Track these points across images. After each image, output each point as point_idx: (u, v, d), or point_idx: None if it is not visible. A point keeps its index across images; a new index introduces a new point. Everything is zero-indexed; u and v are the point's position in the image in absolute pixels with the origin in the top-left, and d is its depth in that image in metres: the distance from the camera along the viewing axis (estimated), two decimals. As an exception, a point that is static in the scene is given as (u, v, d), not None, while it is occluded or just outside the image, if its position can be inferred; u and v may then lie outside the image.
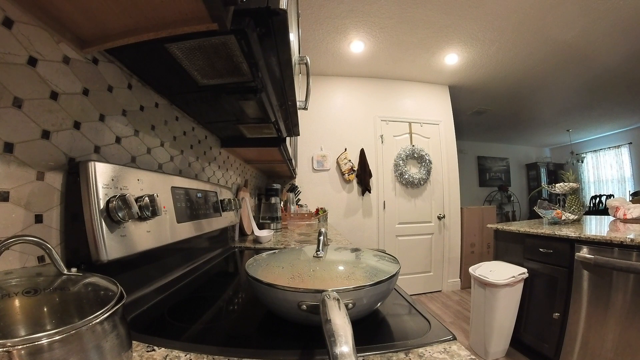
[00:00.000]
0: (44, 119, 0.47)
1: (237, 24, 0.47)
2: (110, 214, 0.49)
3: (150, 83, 0.75)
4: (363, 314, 0.49)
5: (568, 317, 1.60)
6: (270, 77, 0.73)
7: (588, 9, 2.19)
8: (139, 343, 0.41)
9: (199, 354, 0.39)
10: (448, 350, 0.40)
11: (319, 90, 3.34)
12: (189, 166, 1.02)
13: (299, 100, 1.08)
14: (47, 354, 0.23)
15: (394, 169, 3.39)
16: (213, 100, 0.85)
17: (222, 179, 1.39)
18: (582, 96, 3.95)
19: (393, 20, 2.42)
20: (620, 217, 1.98)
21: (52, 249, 0.33)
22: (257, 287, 0.48)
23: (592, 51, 2.79)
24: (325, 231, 0.69)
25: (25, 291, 0.29)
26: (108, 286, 0.34)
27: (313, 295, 0.42)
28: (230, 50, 0.57)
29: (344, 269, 0.63)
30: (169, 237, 0.67)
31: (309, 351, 0.40)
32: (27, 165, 0.44)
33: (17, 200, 0.42)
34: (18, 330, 0.25)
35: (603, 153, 6.18)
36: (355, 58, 3.06)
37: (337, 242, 1.45)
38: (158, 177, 0.67)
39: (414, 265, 3.28)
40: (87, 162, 0.48)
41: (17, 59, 0.42)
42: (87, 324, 0.26)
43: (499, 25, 2.43)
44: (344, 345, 0.27)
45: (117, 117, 0.65)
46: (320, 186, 3.32)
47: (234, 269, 1.04)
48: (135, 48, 0.53)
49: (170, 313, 0.57)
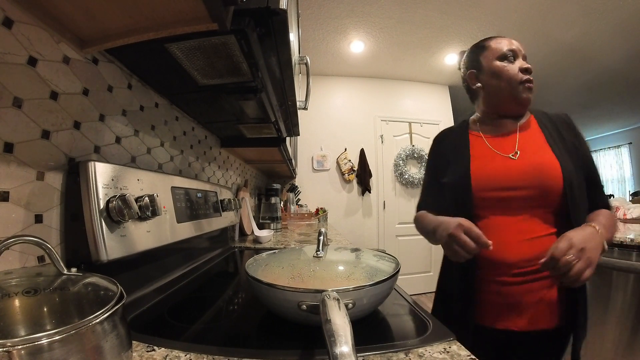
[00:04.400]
0: (44, 119, 0.47)
1: (237, 24, 0.47)
2: (110, 214, 0.49)
3: (150, 83, 0.75)
4: (363, 314, 0.49)
5: (568, 317, 1.60)
6: (270, 77, 0.73)
7: (588, 9, 2.19)
8: (139, 343, 0.41)
9: (199, 354, 0.39)
10: (448, 350, 0.40)
11: (319, 90, 3.34)
12: (189, 166, 1.02)
13: (299, 100, 1.08)
14: (47, 354, 0.23)
15: (394, 169, 3.40)
16: (213, 100, 0.85)
17: (222, 179, 1.39)
18: (582, 96, 3.95)
19: (393, 20, 2.42)
20: (620, 217, 1.98)
21: (52, 249, 0.33)
22: (257, 287, 0.48)
23: (592, 51, 2.79)
24: (325, 231, 0.69)
25: (25, 291, 0.29)
26: (108, 286, 0.34)
27: (313, 295, 0.42)
28: (230, 50, 0.57)
29: (344, 269, 0.63)
30: (169, 237, 0.67)
31: (309, 351, 0.40)
32: (27, 165, 0.44)
33: (17, 200, 0.42)
34: (18, 330, 0.25)
35: (603, 153, 6.18)
36: (355, 58, 3.06)
37: (337, 242, 1.45)
38: (158, 177, 0.67)
39: (414, 265, 3.28)
40: (87, 162, 0.48)
41: (17, 59, 0.42)
42: (87, 324, 0.26)
43: (499, 25, 2.43)
44: (344, 345, 0.27)
45: (117, 117, 0.65)
46: (320, 186, 3.32)
47: (234, 269, 1.04)
48: (135, 48, 0.53)
49: (170, 313, 0.57)
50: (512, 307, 0.67)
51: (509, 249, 0.67)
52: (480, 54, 0.78)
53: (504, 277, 0.67)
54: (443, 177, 0.79)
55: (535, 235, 0.67)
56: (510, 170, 0.69)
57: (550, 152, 0.69)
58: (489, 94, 0.78)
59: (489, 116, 0.80)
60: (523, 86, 0.73)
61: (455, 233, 0.61)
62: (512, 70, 0.73)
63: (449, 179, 0.77)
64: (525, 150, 0.71)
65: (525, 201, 0.68)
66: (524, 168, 0.69)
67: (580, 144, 0.74)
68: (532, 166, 0.68)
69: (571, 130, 0.75)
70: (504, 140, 0.76)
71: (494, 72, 0.75)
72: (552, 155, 0.69)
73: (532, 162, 0.69)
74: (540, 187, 0.67)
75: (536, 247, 0.65)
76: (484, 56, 0.77)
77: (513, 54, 0.74)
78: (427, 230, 0.77)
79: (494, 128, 0.79)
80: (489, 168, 0.72)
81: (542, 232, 0.67)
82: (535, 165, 0.68)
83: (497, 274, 0.68)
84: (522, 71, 0.73)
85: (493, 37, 0.79)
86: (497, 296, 0.68)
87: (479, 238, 0.59)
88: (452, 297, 0.76)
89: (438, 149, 0.87)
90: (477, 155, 0.75)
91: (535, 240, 0.67)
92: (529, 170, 0.68)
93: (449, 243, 0.62)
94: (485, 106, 0.80)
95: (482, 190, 0.70)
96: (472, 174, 0.72)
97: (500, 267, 0.67)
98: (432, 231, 0.71)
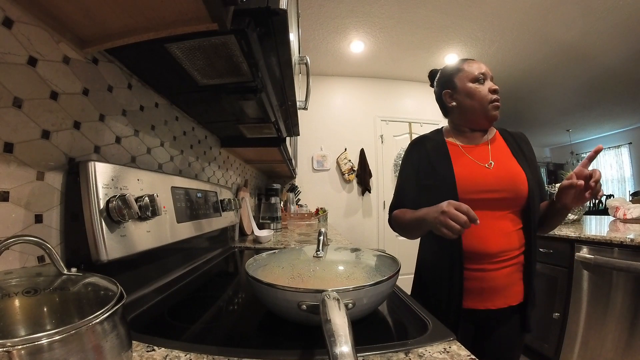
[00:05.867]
0: (44, 119, 0.47)
1: (237, 24, 0.47)
2: (110, 214, 0.49)
3: (150, 83, 0.75)
4: (363, 314, 0.49)
5: (568, 317, 1.60)
6: (270, 77, 0.73)
7: (588, 9, 2.19)
8: (139, 343, 0.41)
9: (199, 354, 0.39)
10: (448, 350, 0.40)
11: (319, 90, 3.34)
12: (189, 166, 1.02)
13: (299, 100, 1.08)
14: (47, 354, 0.23)
15: (394, 169, 3.39)
16: (213, 100, 0.85)
17: (222, 179, 1.39)
18: (582, 96, 3.95)
19: (393, 20, 2.42)
20: (620, 217, 1.98)
21: (52, 249, 0.33)
22: (257, 287, 0.48)
23: (592, 51, 2.79)
24: (325, 231, 0.69)
25: (25, 291, 0.29)
26: (108, 286, 0.34)
27: (313, 295, 0.42)
28: (230, 50, 0.57)
29: (343, 269, 0.63)
30: (169, 237, 0.67)
31: (309, 351, 0.40)
32: (27, 165, 0.44)
33: (17, 200, 0.42)
34: (18, 330, 0.25)
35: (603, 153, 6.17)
36: (355, 58, 3.06)
37: (337, 242, 1.46)
38: (158, 177, 0.67)
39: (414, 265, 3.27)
40: (87, 162, 0.48)
41: (17, 59, 0.42)
42: (87, 324, 0.26)
43: (499, 25, 2.43)
44: (344, 345, 0.27)
45: (117, 117, 0.65)
46: (320, 186, 3.32)
47: (234, 269, 1.04)
48: (135, 48, 0.53)
49: (170, 313, 0.57)
50: (492, 290, 0.80)
51: (491, 241, 0.80)
52: (455, 76, 0.90)
53: (486, 264, 0.80)
54: (427, 179, 0.88)
55: (510, 230, 0.81)
56: (487, 176, 0.83)
57: (516, 163, 0.85)
58: (462, 112, 0.91)
59: (461, 129, 0.93)
60: (492, 105, 0.86)
61: (447, 209, 0.68)
62: (483, 91, 0.86)
63: (436, 181, 0.85)
64: (497, 160, 0.86)
65: (501, 202, 0.81)
66: (499, 175, 0.82)
67: (534, 157, 0.92)
68: (506, 174, 0.82)
69: (528, 146, 0.93)
70: (477, 148, 0.90)
71: (468, 93, 0.88)
72: (518, 166, 0.84)
73: (505, 171, 0.83)
74: (513, 190, 0.81)
75: (511, 240, 0.81)
76: (458, 78, 0.90)
77: (483, 77, 0.87)
78: (412, 221, 0.85)
79: (467, 139, 0.92)
80: (470, 174, 0.84)
81: (514, 228, 0.82)
82: (507, 173, 0.82)
83: (481, 263, 0.80)
84: (491, 92, 0.86)
85: (465, 59, 0.92)
86: (480, 282, 0.80)
87: (469, 211, 0.66)
88: (435, 284, 0.87)
89: (418, 152, 0.95)
90: (458, 162, 0.86)
91: (510, 234, 0.81)
92: (503, 177, 0.82)
93: (443, 220, 0.68)
94: (459, 121, 0.93)
95: (466, 192, 0.81)
96: (456, 178, 0.82)
97: (484, 257, 0.80)
98: (420, 218, 0.79)
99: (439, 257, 0.85)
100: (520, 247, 0.82)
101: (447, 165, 0.85)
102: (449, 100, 0.92)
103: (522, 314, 0.83)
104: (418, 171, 0.91)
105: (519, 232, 0.82)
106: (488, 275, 0.80)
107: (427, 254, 0.95)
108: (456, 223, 0.66)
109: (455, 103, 0.91)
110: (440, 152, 0.90)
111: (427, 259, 0.94)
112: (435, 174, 0.86)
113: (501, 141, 0.92)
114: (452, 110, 0.93)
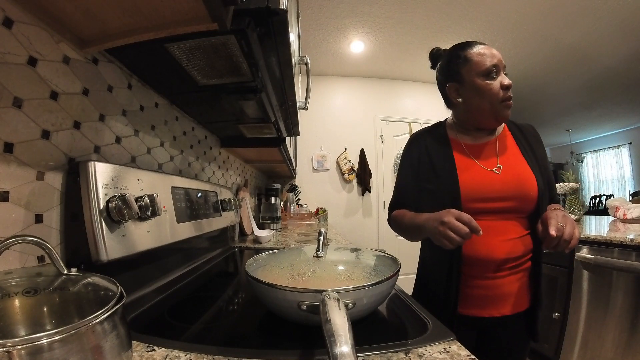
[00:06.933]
0: (44, 119, 0.47)
1: (237, 24, 0.47)
2: (110, 214, 0.49)
3: (150, 83, 0.75)
4: (363, 314, 0.49)
5: (568, 317, 1.60)
6: (270, 77, 0.73)
7: (588, 9, 2.19)
8: (139, 343, 0.41)
9: (199, 354, 0.39)
10: (448, 350, 0.40)
11: (319, 90, 3.34)
12: (189, 166, 1.02)
13: (299, 100, 1.08)
14: (47, 354, 0.23)
15: (394, 168, 3.40)
16: (213, 100, 0.85)
17: (222, 179, 1.39)
18: (582, 96, 3.95)
19: (393, 21, 2.42)
20: (620, 217, 1.98)
21: (52, 249, 0.33)
22: (257, 287, 0.48)
23: (592, 51, 2.79)
24: (325, 231, 0.69)
25: (25, 291, 0.29)
26: (108, 286, 0.34)
27: (313, 295, 0.42)
28: (230, 50, 0.57)
29: (343, 269, 0.63)
30: (169, 237, 0.67)
31: (309, 351, 0.40)
32: (27, 165, 0.44)
33: (17, 200, 0.42)
34: (18, 330, 0.25)
35: (603, 153, 6.18)
36: (355, 58, 3.06)
37: (337, 242, 1.45)
38: (158, 177, 0.67)
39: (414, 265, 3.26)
40: (87, 162, 0.48)
41: (17, 59, 0.42)
42: (87, 324, 0.26)
43: (499, 25, 2.43)
44: (344, 345, 0.27)
45: (117, 117, 0.65)
46: (320, 186, 3.33)
47: (234, 269, 1.04)
48: (135, 48, 0.53)
49: (170, 313, 0.57)
50: (498, 298, 0.75)
51: (496, 248, 0.74)
52: (462, 67, 0.77)
53: (491, 272, 0.75)
54: (428, 182, 0.82)
55: (515, 236, 0.75)
56: (495, 183, 0.76)
57: (526, 166, 0.78)
58: (469, 110, 0.80)
59: (466, 126, 0.84)
60: (504, 104, 0.76)
61: (447, 220, 0.63)
62: (494, 88, 0.74)
63: (438, 187, 0.80)
64: (506, 164, 0.78)
65: (508, 210, 0.76)
66: (506, 182, 0.76)
67: (544, 153, 0.84)
68: (514, 180, 0.76)
69: (539, 142, 0.85)
70: (483, 148, 0.81)
71: (477, 89, 0.76)
72: (528, 168, 0.77)
73: (514, 177, 0.76)
74: (520, 198, 0.75)
75: (518, 246, 0.75)
76: (466, 70, 0.77)
77: (495, 70, 0.74)
78: (411, 226, 0.80)
79: (472, 137, 0.84)
80: (476, 181, 0.77)
81: (520, 234, 0.76)
82: (516, 179, 0.76)
83: (485, 270, 0.75)
84: (503, 88, 0.74)
85: (473, 44, 0.78)
86: (485, 290, 0.76)
87: (471, 222, 0.62)
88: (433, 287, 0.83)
89: (417, 149, 0.87)
90: (463, 167, 0.79)
91: (515, 240, 0.75)
92: (511, 184, 0.75)
93: (442, 231, 0.64)
94: (464, 118, 0.84)
95: (470, 201, 0.75)
96: (460, 186, 0.76)
97: (488, 265, 0.75)
98: (419, 225, 0.75)
99: (439, 260, 0.80)
100: (527, 253, 0.76)
101: (451, 170, 0.78)
102: (455, 94, 0.81)
103: (529, 320, 0.78)
104: (418, 169, 0.85)
105: (526, 237, 0.76)
106: (493, 283, 0.75)
107: (427, 255, 0.91)
108: (457, 235, 0.62)
109: (461, 99, 0.80)
110: (442, 152, 0.82)
111: (427, 260, 0.91)
112: (437, 178, 0.80)
113: (510, 138, 0.83)
114: (457, 105, 0.83)
